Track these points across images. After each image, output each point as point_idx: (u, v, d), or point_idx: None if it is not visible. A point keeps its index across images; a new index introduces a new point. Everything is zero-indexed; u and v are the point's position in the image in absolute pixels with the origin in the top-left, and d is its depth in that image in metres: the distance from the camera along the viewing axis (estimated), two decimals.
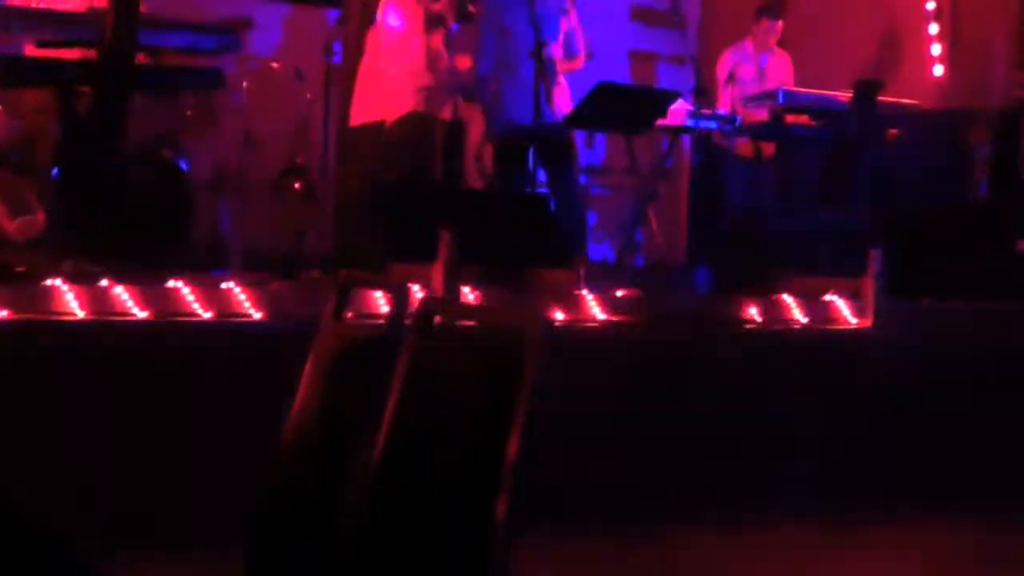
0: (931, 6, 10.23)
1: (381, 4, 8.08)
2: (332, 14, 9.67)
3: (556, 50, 8.22)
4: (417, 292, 5.94)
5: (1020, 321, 7.39)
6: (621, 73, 10.43)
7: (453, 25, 8.12)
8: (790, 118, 9.33)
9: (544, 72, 7.72)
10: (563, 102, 8.19)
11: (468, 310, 3.92)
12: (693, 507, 5.90)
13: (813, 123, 9.26)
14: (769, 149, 9.65)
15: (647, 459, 5.94)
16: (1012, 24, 9.82)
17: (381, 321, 5.51)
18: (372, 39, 8.22)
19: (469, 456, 2.49)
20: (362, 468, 2.65)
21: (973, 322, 7.19)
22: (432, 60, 7.99)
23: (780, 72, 9.81)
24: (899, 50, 10.38)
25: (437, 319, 2.80)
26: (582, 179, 9.24)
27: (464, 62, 8.81)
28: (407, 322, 2.79)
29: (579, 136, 8.64)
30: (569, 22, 8.42)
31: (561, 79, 8.25)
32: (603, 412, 5.86)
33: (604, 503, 5.75)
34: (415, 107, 7.92)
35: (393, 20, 7.97)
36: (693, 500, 5.97)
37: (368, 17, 8.25)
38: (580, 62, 8.54)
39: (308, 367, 3.04)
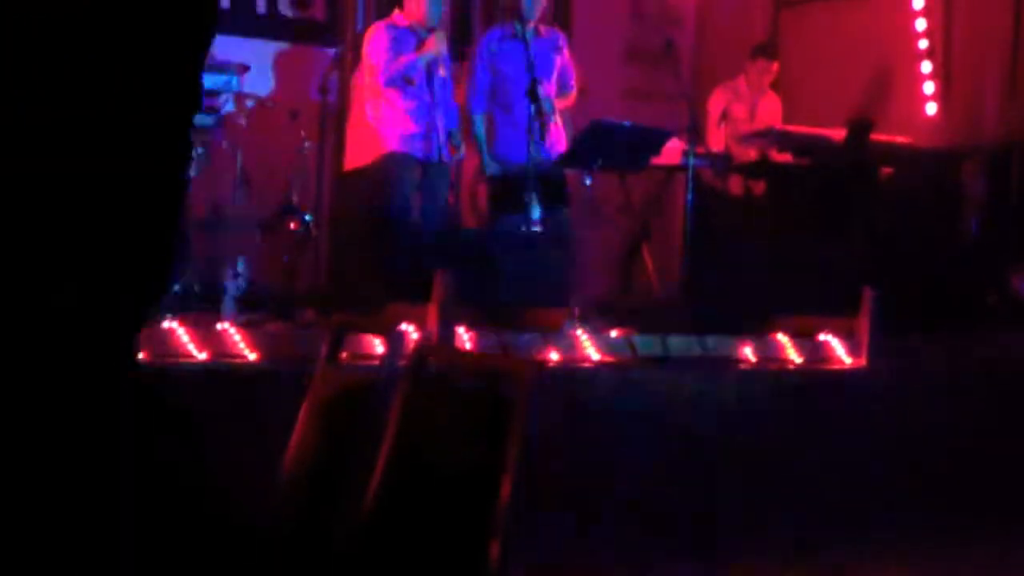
0: (924, 44, 10.27)
1: (366, 44, 8.10)
2: (328, 53, 9.74)
3: (550, 88, 8.26)
4: (412, 333, 5.95)
5: (1014, 356, 7.41)
6: (614, 111, 10.46)
7: (444, 64, 8.13)
8: (781, 157, 9.35)
9: (539, 111, 7.75)
10: (558, 140, 8.23)
11: (462, 356, 3.94)
12: (681, 547, 5.89)
13: (805, 161, 9.29)
14: (760, 188, 9.67)
15: (644, 501, 5.94)
16: (1004, 62, 9.86)
17: (375, 363, 5.54)
18: (358, 80, 8.25)
19: (462, 499, 2.50)
20: (356, 510, 2.66)
21: (967, 359, 7.21)
22: (420, 101, 8.00)
23: (771, 113, 9.85)
24: (892, 88, 10.42)
25: (431, 363, 2.81)
26: (577, 218, 9.27)
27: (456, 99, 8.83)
28: (402, 366, 2.80)
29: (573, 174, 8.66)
30: (562, 59, 8.47)
31: (556, 118, 8.28)
32: (597, 451, 5.86)
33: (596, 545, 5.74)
34: (398, 148, 7.93)
35: (375, 59, 7.98)
36: (681, 540, 5.95)
37: (359, 57, 8.28)
38: (572, 98, 8.59)
39: (303, 411, 3.06)
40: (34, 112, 1.99)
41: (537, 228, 7.97)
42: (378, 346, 5.69)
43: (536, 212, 8.04)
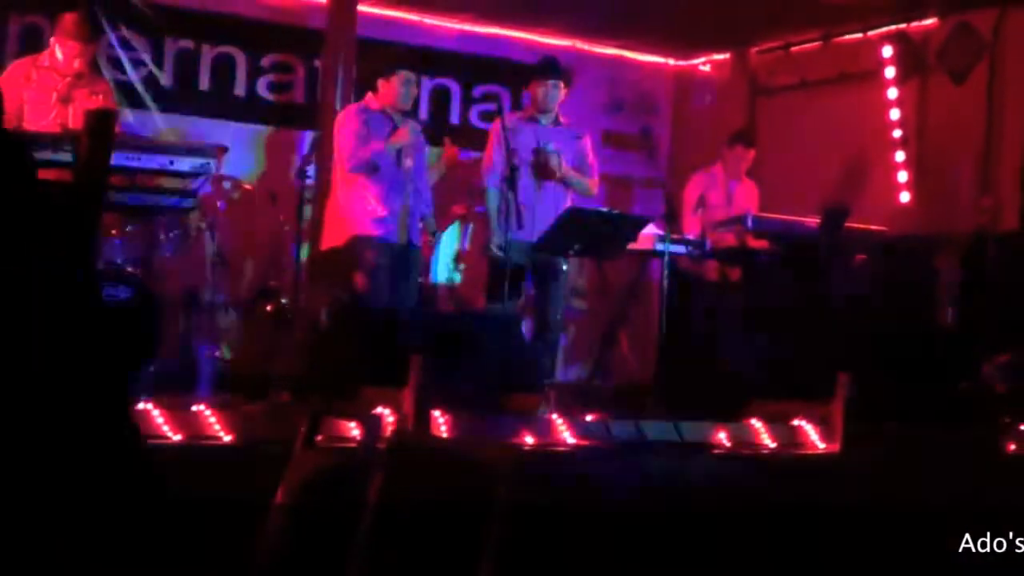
0: (897, 133, 10.37)
1: (336, 129, 8.14)
2: (306, 136, 9.79)
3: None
4: (387, 416, 5.94)
5: (986, 447, 7.44)
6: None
7: (414, 154, 8.16)
8: (757, 243, 9.40)
9: (516, 199, 7.83)
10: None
11: (438, 443, 3.94)
12: None
13: (780, 248, 9.34)
14: (735, 274, 9.72)
15: None
16: (977, 151, 9.96)
17: (352, 445, 5.52)
18: (335, 162, 8.29)
19: None
20: None
21: (940, 447, 7.22)
22: (389, 185, 8.03)
23: (747, 199, 9.91)
24: (866, 176, 10.51)
25: (408, 448, 2.82)
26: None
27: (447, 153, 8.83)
28: (378, 449, 2.81)
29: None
30: (583, 146, 8.58)
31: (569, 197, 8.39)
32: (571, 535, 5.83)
33: None
34: (366, 231, 7.95)
35: (342, 145, 8.03)
36: None
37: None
38: (594, 185, 8.66)
39: (279, 494, 3.05)
40: None
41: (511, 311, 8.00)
42: (353, 429, 5.67)
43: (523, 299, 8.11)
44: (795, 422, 7.10)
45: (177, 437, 5.73)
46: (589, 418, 6.92)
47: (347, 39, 9.55)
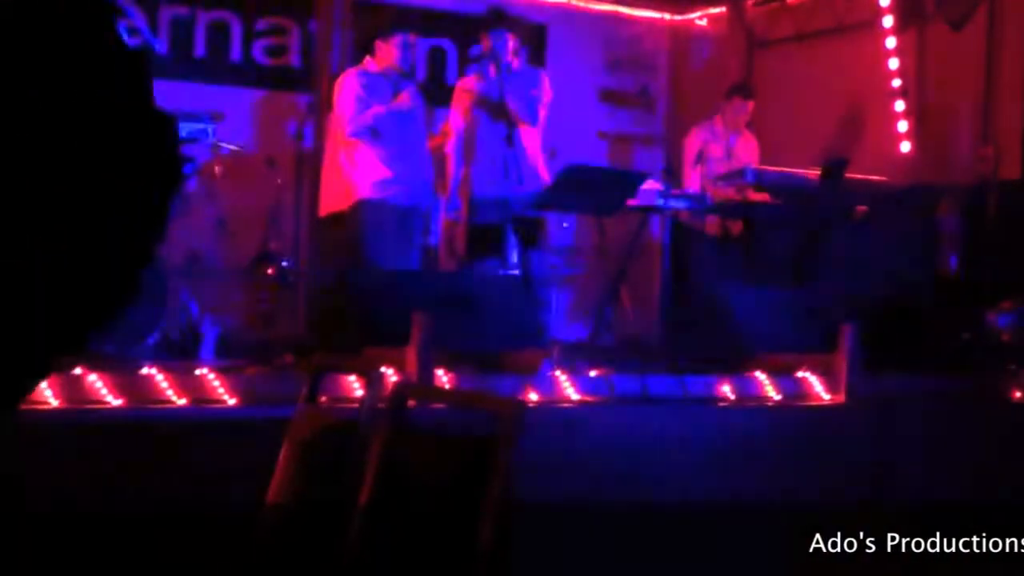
0: (897, 83, 10.34)
1: (336, 92, 8.09)
2: (303, 99, 9.76)
3: (533, 134, 8.26)
4: (391, 376, 5.94)
5: (989, 394, 7.45)
6: (590, 154, 10.51)
7: (415, 117, 8.13)
8: (757, 196, 9.39)
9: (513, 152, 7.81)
10: (532, 179, 8.21)
11: (442, 394, 3.93)
12: None
13: (781, 201, 9.32)
14: (737, 227, 9.70)
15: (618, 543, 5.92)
16: (977, 99, 9.93)
17: (355, 405, 5.53)
18: (331, 127, 8.25)
19: (444, 538, 2.50)
20: (338, 550, 2.65)
21: (945, 396, 7.23)
22: (392, 148, 8.00)
23: (748, 152, 9.88)
24: (866, 127, 10.48)
25: (411, 403, 2.81)
26: (554, 260, 9.29)
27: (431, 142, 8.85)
28: (380, 406, 2.80)
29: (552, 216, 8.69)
30: (538, 93, 8.48)
31: (537, 155, 8.29)
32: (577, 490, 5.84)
33: None
34: (372, 195, 7.93)
35: (342, 110, 7.99)
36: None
37: (331, 103, 8.29)
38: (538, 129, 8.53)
39: (283, 452, 3.05)
40: None
41: (515, 271, 7.98)
42: (357, 388, 5.67)
43: (514, 255, 8.06)
44: (799, 374, 7.09)
45: (182, 401, 5.73)
46: (592, 374, 6.92)
47: (342, 1, 9.51)
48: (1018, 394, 7.59)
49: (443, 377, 6.20)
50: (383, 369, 5.87)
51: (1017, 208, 9.16)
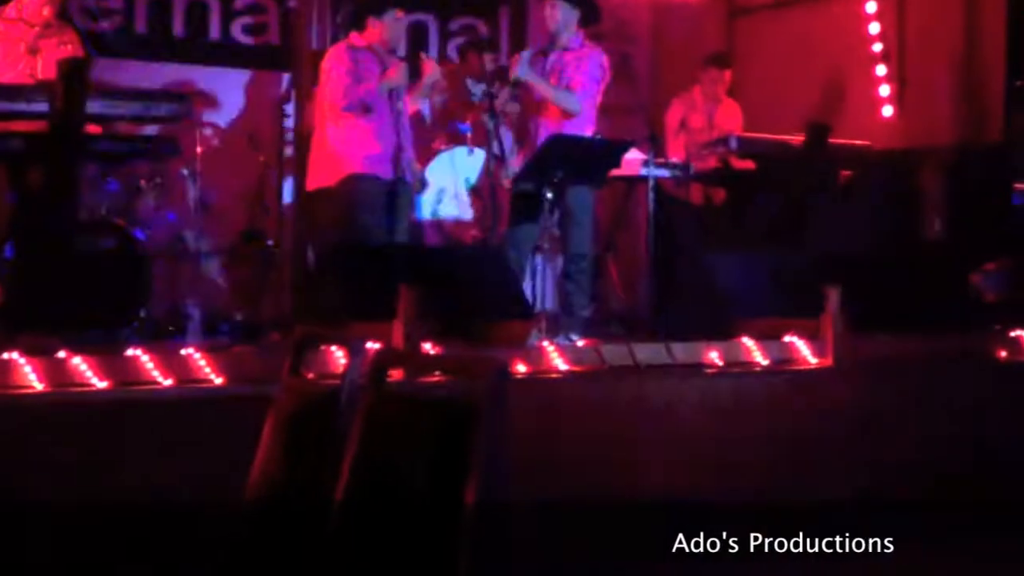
0: (878, 47, 10.33)
1: (326, 68, 8.05)
2: (283, 78, 9.73)
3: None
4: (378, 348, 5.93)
5: (976, 355, 7.47)
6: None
7: (401, 94, 8.12)
8: (741, 164, 9.39)
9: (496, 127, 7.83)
10: None
11: (422, 361, 3.92)
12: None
13: (765, 167, 9.32)
14: (720, 195, 9.70)
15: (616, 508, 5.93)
16: (958, 62, 9.92)
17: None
18: (319, 102, 8.22)
19: (429, 506, 2.49)
20: (323, 520, 2.65)
21: (931, 357, 7.26)
22: (382, 122, 7.99)
23: (729, 121, 9.87)
24: (848, 92, 10.47)
25: (395, 372, 2.80)
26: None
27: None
28: (363, 378, 2.79)
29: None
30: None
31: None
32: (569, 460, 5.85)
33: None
34: (363, 170, 7.91)
35: (335, 85, 7.96)
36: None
37: (317, 79, 8.25)
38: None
39: (267, 425, 3.05)
40: None
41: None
42: (343, 363, 5.66)
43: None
44: (786, 338, 7.10)
45: (168, 382, 5.72)
46: (580, 344, 6.92)
47: None
48: (1003, 353, 7.61)
49: (430, 351, 6.20)
50: (369, 343, 5.86)
51: (999, 169, 9.18)
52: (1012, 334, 7.69)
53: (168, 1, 9.93)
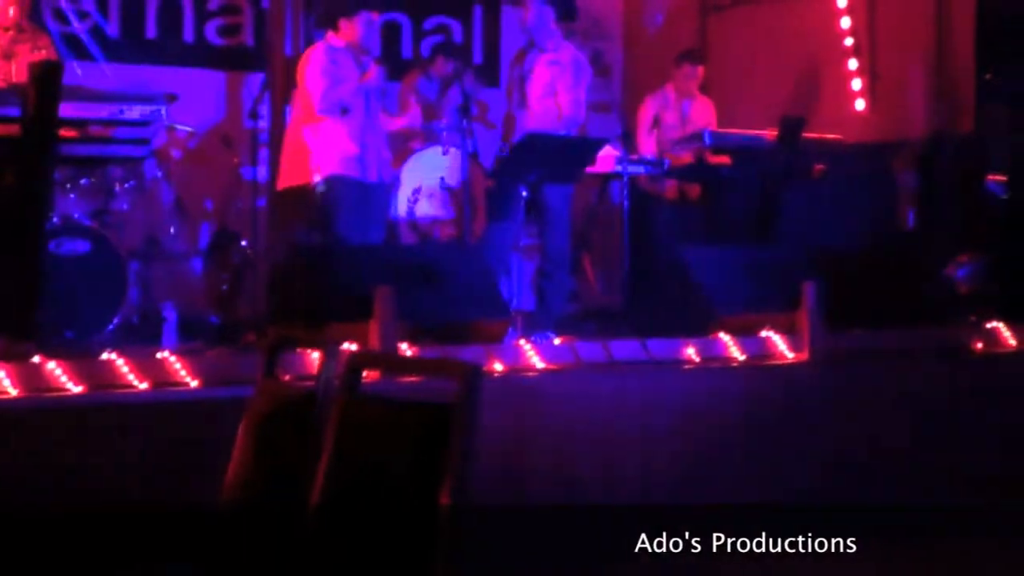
0: (849, 41, 10.37)
1: (303, 69, 8.04)
2: (257, 79, 9.71)
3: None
4: (354, 350, 5.93)
5: (951, 346, 7.50)
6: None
7: (377, 95, 8.12)
8: (715, 159, 9.41)
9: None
10: None
11: (397, 362, 3.92)
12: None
13: (739, 162, 9.34)
14: (695, 191, 9.72)
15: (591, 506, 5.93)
16: (929, 56, 9.96)
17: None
18: (295, 103, 8.21)
19: (404, 506, 2.49)
20: (298, 522, 2.65)
21: (906, 350, 7.28)
22: (357, 123, 7.98)
23: (703, 116, 9.89)
24: (820, 86, 10.50)
25: (372, 373, 2.80)
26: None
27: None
28: (338, 380, 2.79)
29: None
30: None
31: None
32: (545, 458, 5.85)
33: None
34: (338, 171, 7.90)
35: (312, 86, 7.95)
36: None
37: (293, 80, 8.24)
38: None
39: (242, 427, 3.04)
40: None
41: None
42: (318, 363, 5.65)
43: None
44: (763, 333, 7.12)
45: (143, 385, 5.71)
46: (557, 342, 6.92)
47: None
48: (979, 345, 7.64)
49: (407, 350, 6.20)
50: (346, 344, 5.86)
51: (972, 161, 9.21)
52: (987, 326, 7.72)
53: (141, 2, 9.90)
